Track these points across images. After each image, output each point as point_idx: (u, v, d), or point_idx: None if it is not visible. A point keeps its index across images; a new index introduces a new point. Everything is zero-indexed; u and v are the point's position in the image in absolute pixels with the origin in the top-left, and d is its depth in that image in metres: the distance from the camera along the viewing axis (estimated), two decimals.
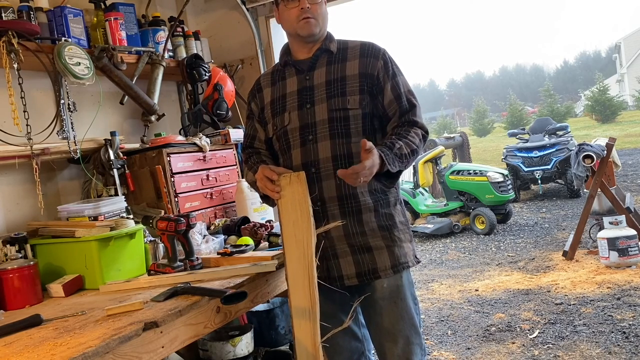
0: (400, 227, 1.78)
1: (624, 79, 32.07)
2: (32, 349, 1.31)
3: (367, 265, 1.72)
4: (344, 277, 1.73)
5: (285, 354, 2.69)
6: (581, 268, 4.74)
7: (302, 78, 1.77)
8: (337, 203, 1.70)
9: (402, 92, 1.74)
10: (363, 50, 1.77)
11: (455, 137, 10.99)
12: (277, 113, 1.79)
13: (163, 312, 1.49)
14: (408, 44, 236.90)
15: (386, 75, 1.74)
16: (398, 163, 1.63)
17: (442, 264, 5.69)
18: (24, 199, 2.25)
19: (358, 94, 1.71)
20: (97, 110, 2.51)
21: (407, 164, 1.68)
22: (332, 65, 1.76)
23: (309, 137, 1.72)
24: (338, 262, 1.73)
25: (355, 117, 1.71)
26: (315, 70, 1.77)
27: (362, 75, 1.73)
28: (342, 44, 1.81)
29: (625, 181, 9.19)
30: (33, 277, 1.86)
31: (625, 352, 2.97)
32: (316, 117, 1.72)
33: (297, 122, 1.74)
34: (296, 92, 1.77)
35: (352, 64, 1.75)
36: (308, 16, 1.71)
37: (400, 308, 1.74)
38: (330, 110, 1.70)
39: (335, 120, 1.71)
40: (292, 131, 1.75)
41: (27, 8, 2.14)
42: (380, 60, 1.75)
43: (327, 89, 1.73)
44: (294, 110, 1.75)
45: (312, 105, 1.73)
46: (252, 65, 3.22)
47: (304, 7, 1.70)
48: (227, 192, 2.81)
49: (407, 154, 1.65)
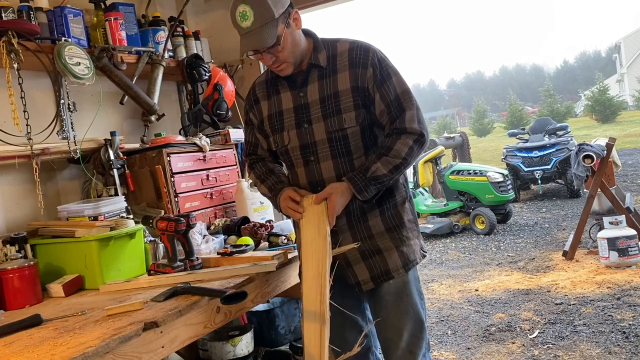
0: (409, 225, 1.80)
1: (624, 79, 32.06)
2: (32, 349, 1.31)
3: (379, 267, 1.75)
4: (360, 283, 1.77)
5: (285, 354, 2.69)
6: (581, 268, 4.74)
7: (296, 95, 1.75)
8: (344, 217, 1.74)
9: (392, 99, 1.69)
10: (352, 58, 1.70)
11: (455, 137, 10.99)
12: (275, 130, 1.79)
13: (163, 312, 1.49)
14: (408, 44, 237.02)
15: (375, 86, 1.69)
16: (374, 186, 1.65)
17: (442, 264, 5.69)
18: (24, 199, 2.25)
19: (353, 110, 1.69)
20: (97, 110, 2.51)
21: (388, 181, 1.67)
22: (324, 79, 1.72)
23: (310, 157, 1.74)
24: (353, 270, 1.77)
25: (354, 134, 1.71)
26: (309, 86, 1.73)
27: (354, 90, 1.69)
28: (330, 49, 1.74)
29: (625, 181, 9.18)
30: (33, 277, 1.86)
31: (625, 352, 2.97)
32: (315, 136, 1.72)
33: (296, 142, 1.75)
34: (292, 109, 1.75)
35: (343, 76, 1.70)
36: (277, 66, 1.68)
37: (406, 303, 1.77)
38: (329, 132, 1.70)
39: (335, 141, 1.71)
40: (292, 150, 1.76)
41: (27, 8, 2.14)
42: (369, 68, 1.68)
43: (322, 106, 1.71)
44: (292, 129, 1.75)
45: (309, 124, 1.73)
46: (252, 65, 3.22)
47: (268, 63, 1.67)
48: (227, 192, 2.81)
49: (385, 173, 1.65)
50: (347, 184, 1.66)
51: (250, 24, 1.59)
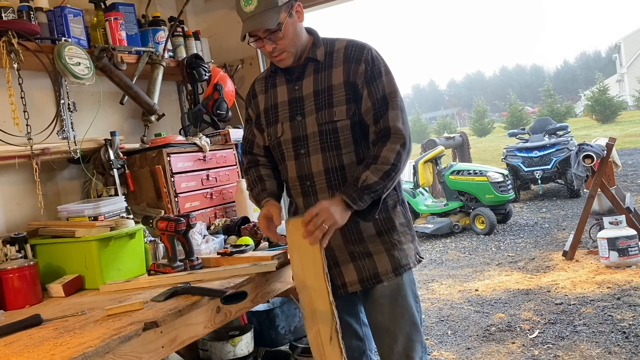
0: (400, 229, 1.77)
1: (624, 79, 32.07)
2: (32, 349, 1.31)
3: (368, 270, 1.73)
4: (347, 284, 1.75)
5: (285, 354, 2.69)
6: (581, 268, 4.74)
7: (292, 88, 1.77)
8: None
9: (379, 97, 1.67)
10: (347, 54, 1.72)
11: (455, 137, 11.00)
12: (270, 123, 1.81)
13: (163, 312, 1.49)
14: (408, 44, 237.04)
15: (365, 82, 1.68)
16: (367, 196, 1.62)
17: (442, 264, 5.69)
18: (24, 199, 2.25)
19: (345, 103, 1.69)
20: (97, 110, 2.51)
21: (381, 189, 1.64)
22: (319, 73, 1.73)
23: (301, 150, 1.74)
24: (340, 270, 1.75)
25: (344, 128, 1.70)
26: (304, 80, 1.75)
27: (347, 84, 1.69)
28: (328, 46, 1.76)
29: (625, 181, 9.19)
30: (33, 277, 1.86)
31: (625, 352, 2.97)
32: (307, 129, 1.72)
33: (289, 134, 1.75)
34: (287, 102, 1.77)
35: (338, 71, 1.71)
36: (277, 55, 1.69)
37: (401, 306, 1.75)
38: (319, 124, 1.70)
39: (325, 134, 1.71)
40: (285, 142, 1.77)
41: (27, 8, 2.14)
42: (362, 64, 1.69)
43: (315, 100, 1.72)
44: (286, 121, 1.76)
45: (302, 117, 1.73)
46: (252, 65, 3.22)
47: (269, 51, 1.68)
48: (227, 192, 2.81)
49: (376, 181, 1.62)
50: (340, 195, 1.62)
51: (253, 8, 1.62)
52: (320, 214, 1.55)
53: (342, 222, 1.60)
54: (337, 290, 1.74)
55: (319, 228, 1.54)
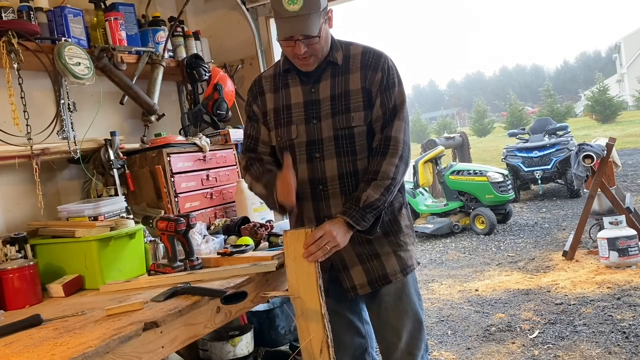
0: (406, 230, 1.80)
1: (624, 79, 32.08)
2: (32, 349, 1.31)
3: (376, 271, 1.74)
4: (357, 287, 1.76)
5: (285, 354, 2.69)
6: (581, 268, 4.74)
7: (308, 90, 1.75)
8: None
9: (390, 107, 1.69)
10: (364, 60, 1.73)
11: (455, 137, 10.98)
12: (282, 124, 1.77)
13: (163, 312, 1.49)
14: (408, 44, 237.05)
15: (379, 90, 1.70)
16: (370, 214, 1.62)
17: (442, 264, 5.69)
18: (24, 199, 2.25)
19: (362, 110, 1.70)
20: (97, 110, 2.51)
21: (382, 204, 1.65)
22: (337, 77, 1.73)
23: (315, 154, 1.72)
24: (349, 273, 1.76)
25: (360, 134, 1.71)
26: (321, 83, 1.73)
27: (364, 90, 1.70)
28: (345, 50, 1.76)
29: (625, 181, 9.18)
30: (33, 277, 1.86)
31: (625, 352, 2.97)
32: (322, 133, 1.72)
33: (304, 137, 1.73)
34: (302, 104, 1.75)
35: (355, 77, 1.72)
36: (305, 58, 1.66)
37: (405, 303, 1.77)
38: (336, 129, 1.70)
39: (341, 138, 1.70)
40: (298, 145, 1.75)
41: (27, 8, 2.14)
42: (379, 72, 1.70)
43: (332, 104, 1.71)
44: (301, 124, 1.74)
45: (318, 120, 1.72)
46: (252, 65, 3.22)
47: (299, 53, 1.63)
48: (227, 192, 2.81)
49: (378, 197, 1.63)
50: (342, 217, 1.61)
51: (298, 8, 1.57)
52: (324, 237, 1.57)
53: (344, 244, 1.62)
54: (346, 293, 1.76)
55: (322, 249, 1.56)
